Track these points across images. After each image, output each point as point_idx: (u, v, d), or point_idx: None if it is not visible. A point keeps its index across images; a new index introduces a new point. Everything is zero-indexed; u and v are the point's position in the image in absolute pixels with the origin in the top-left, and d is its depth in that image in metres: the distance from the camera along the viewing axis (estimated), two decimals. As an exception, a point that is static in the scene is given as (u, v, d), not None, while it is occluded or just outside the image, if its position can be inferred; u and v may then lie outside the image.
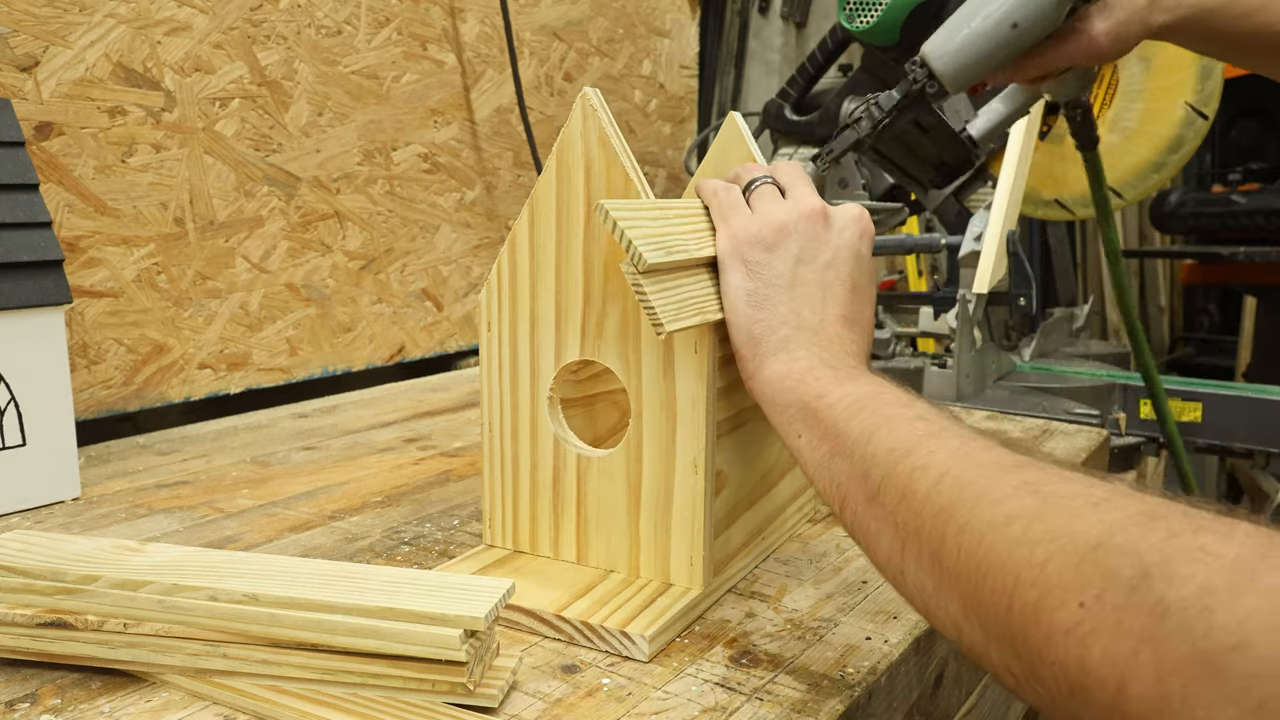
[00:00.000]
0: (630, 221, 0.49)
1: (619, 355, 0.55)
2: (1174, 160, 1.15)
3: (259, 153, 1.06)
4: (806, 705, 0.45)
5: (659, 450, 0.54)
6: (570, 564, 0.59)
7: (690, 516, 0.54)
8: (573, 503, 0.58)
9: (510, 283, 0.58)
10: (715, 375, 0.53)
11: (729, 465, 0.57)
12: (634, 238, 0.48)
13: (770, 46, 1.94)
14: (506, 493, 0.60)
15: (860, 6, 1.14)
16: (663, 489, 0.55)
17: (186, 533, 0.68)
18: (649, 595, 0.54)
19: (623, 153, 0.54)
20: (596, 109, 0.54)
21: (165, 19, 0.96)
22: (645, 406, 0.54)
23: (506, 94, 1.38)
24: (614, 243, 0.48)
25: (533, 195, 0.56)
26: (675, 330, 0.49)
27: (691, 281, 0.52)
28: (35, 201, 0.74)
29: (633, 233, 0.48)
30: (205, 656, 0.45)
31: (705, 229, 0.55)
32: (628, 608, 0.52)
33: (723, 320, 0.53)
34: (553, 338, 0.57)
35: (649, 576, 0.56)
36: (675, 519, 0.55)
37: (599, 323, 0.55)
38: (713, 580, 0.56)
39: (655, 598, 0.53)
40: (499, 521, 0.61)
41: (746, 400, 0.58)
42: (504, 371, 0.59)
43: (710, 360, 0.52)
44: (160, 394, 0.99)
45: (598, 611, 0.52)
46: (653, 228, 0.50)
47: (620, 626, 0.50)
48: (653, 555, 0.56)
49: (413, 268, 1.26)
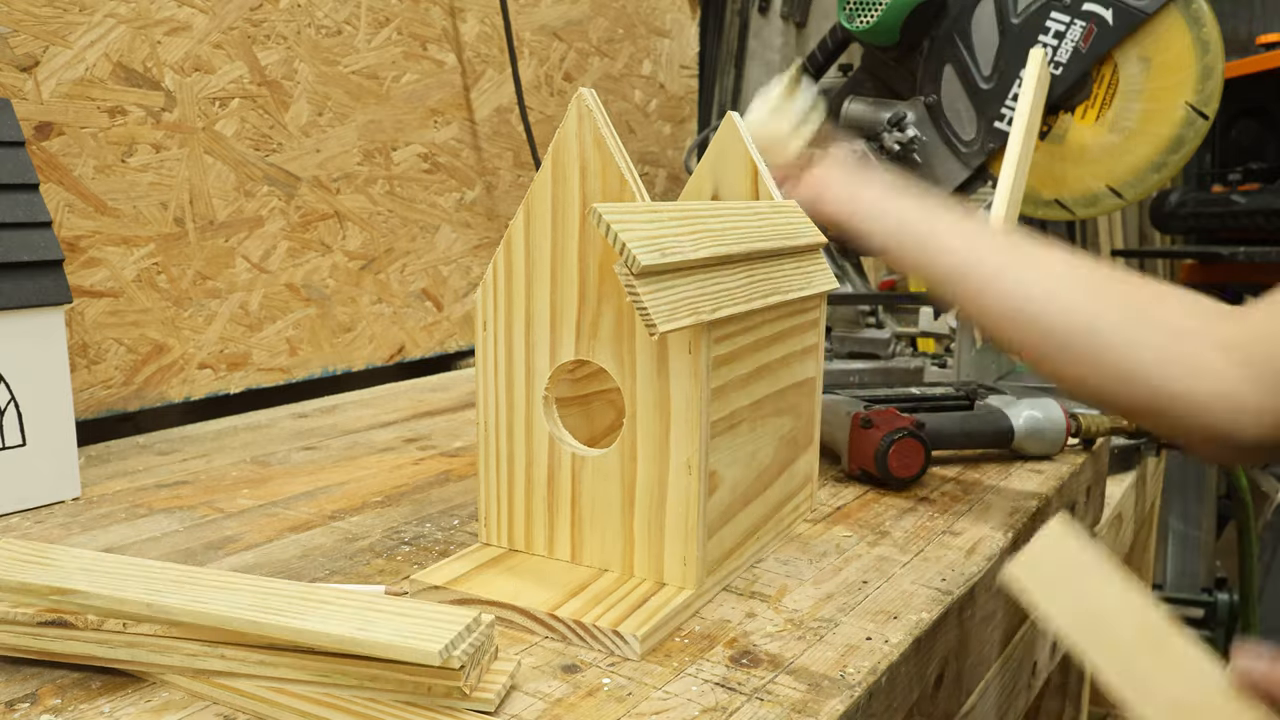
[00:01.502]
0: (624, 224, 0.49)
1: (614, 355, 0.55)
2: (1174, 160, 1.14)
3: (259, 153, 1.06)
4: (806, 705, 0.45)
5: (653, 450, 0.55)
6: (565, 563, 0.59)
7: (684, 516, 0.54)
8: (567, 502, 0.58)
9: (506, 283, 0.58)
10: (709, 375, 0.53)
11: (723, 465, 0.57)
12: (627, 240, 0.48)
13: (770, 46, 1.94)
14: (502, 491, 0.61)
15: (860, 6, 1.14)
16: (656, 489, 0.55)
17: (186, 533, 0.68)
18: (642, 595, 0.54)
19: (618, 153, 0.54)
20: (592, 109, 0.54)
21: (165, 19, 0.96)
22: (639, 406, 0.55)
23: (506, 94, 1.38)
24: (609, 243, 0.49)
25: (528, 195, 0.56)
26: (669, 331, 0.49)
27: (686, 282, 0.52)
28: (35, 201, 0.74)
29: (626, 235, 0.48)
30: (203, 657, 0.45)
31: (701, 230, 0.55)
32: (620, 607, 0.52)
33: (717, 320, 0.53)
34: (548, 338, 0.57)
35: (643, 576, 0.56)
36: (669, 519, 0.55)
37: (594, 323, 0.55)
38: (706, 580, 0.56)
39: (648, 597, 0.54)
40: (494, 520, 0.61)
41: (741, 400, 0.58)
42: (500, 371, 0.59)
43: (704, 361, 0.53)
44: (160, 394, 0.99)
45: (590, 611, 0.52)
46: (647, 230, 0.50)
47: (612, 626, 0.50)
48: (646, 555, 0.56)
49: (413, 268, 1.26)
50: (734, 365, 0.57)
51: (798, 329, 0.67)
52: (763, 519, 0.64)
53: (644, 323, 0.48)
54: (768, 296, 0.59)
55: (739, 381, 0.58)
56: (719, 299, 0.54)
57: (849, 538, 0.68)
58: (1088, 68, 1.12)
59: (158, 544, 0.65)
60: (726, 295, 0.55)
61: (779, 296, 0.61)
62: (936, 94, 1.17)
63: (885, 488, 0.79)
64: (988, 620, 0.67)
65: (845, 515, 0.72)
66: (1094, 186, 1.18)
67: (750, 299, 0.57)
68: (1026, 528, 0.73)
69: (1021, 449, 0.87)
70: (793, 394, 0.67)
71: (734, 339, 0.57)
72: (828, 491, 0.78)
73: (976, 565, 0.64)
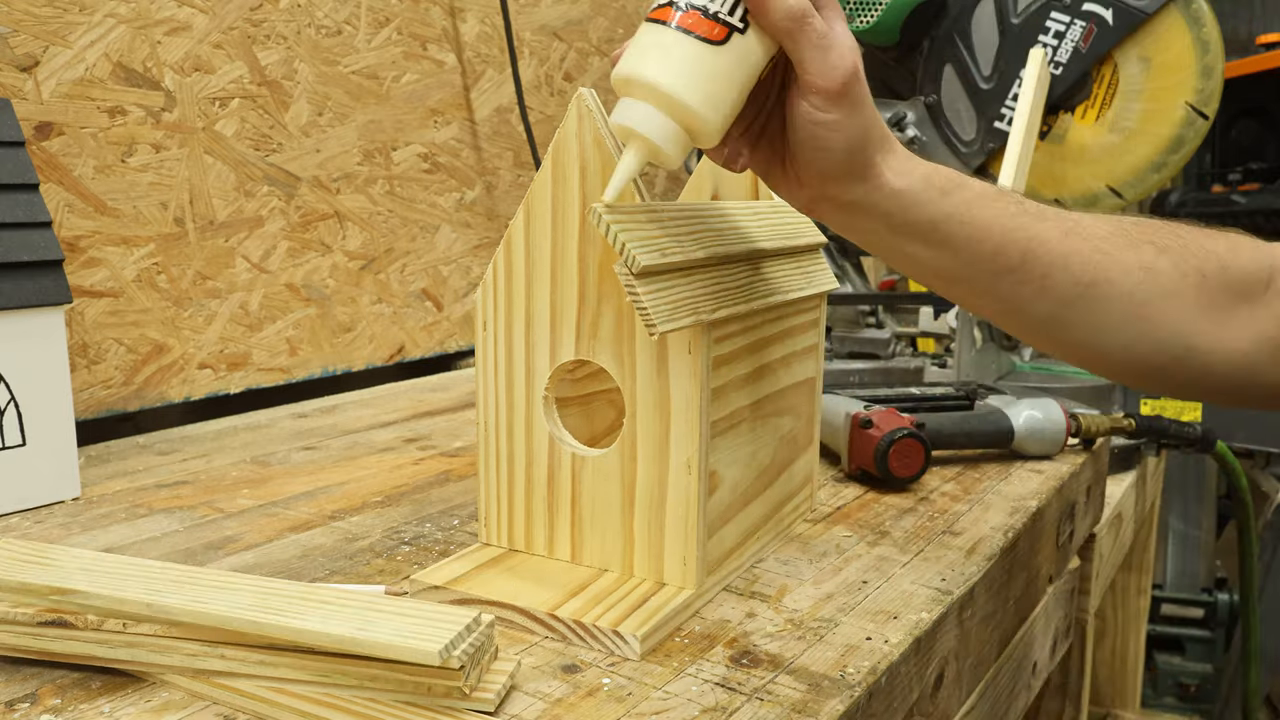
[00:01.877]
0: (624, 225, 0.49)
1: (614, 355, 0.55)
2: (1174, 160, 1.14)
3: (259, 152, 1.06)
4: (806, 705, 0.45)
5: (653, 450, 0.55)
6: (565, 563, 0.59)
7: (684, 516, 0.54)
8: (567, 502, 0.58)
9: (506, 283, 0.58)
10: (709, 376, 0.53)
11: (723, 465, 0.57)
12: (627, 240, 0.48)
13: (770, 46, 1.94)
14: (502, 491, 0.60)
15: (860, 6, 1.14)
16: (656, 489, 0.55)
17: (186, 533, 0.68)
18: (642, 595, 0.54)
19: (618, 153, 0.54)
20: (592, 109, 0.54)
21: (165, 19, 0.96)
22: (639, 406, 0.55)
23: (506, 94, 1.38)
24: (609, 243, 0.49)
25: (528, 196, 0.56)
26: (668, 331, 0.49)
27: (686, 282, 0.52)
28: (35, 201, 0.74)
29: (626, 235, 0.48)
30: (203, 657, 0.45)
31: (700, 230, 0.55)
32: (620, 607, 0.52)
33: (716, 320, 0.53)
34: (548, 337, 0.57)
35: (643, 576, 0.56)
36: (669, 519, 0.55)
37: (594, 323, 0.55)
38: (706, 580, 0.56)
39: (648, 597, 0.54)
40: (495, 520, 0.61)
41: (741, 400, 0.58)
42: (500, 371, 0.59)
43: (704, 361, 0.52)
44: (160, 394, 0.99)
45: (590, 610, 0.52)
46: (647, 230, 0.50)
47: (612, 626, 0.50)
48: (646, 555, 0.56)
49: (413, 268, 1.26)
50: (734, 365, 0.57)
51: (798, 329, 0.66)
52: (763, 519, 0.64)
53: (644, 323, 0.48)
54: (767, 297, 0.59)
55: (739, 381, 0.58)
56: (719, 299, 0.54)
57: (849, 538, 0.68)
58: (1088, 68, 1.12)
59: (158, 544, 0.65)
60: (726, 295, 0.55)
61: (779, 296, 0.60)
62: (936, 94, 1.17)
63: (885, 487, 0.79)
64: (988, 620, 0.67)
65: (845, 515, 0.72)
66: (1094, 186, 1.18)
67: (750, 299, 0.57)
68: (1026, 528, 0.73)
69: (1021, 449, 0.87)
70: (792, 394, 0.67)
71: (734, 339, 0.57)
72: (828, 491, 0.78)
73: (976, 565, 0.64)
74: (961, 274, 0.55)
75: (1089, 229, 0.55)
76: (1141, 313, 0.54)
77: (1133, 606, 1.52)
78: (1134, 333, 0.55)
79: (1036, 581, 0.81)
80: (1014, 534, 0.70)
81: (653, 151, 0.48)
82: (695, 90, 0.47)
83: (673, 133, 0.48)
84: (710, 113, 0.47)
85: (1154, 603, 1.98)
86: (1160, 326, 0.54)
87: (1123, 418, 0.92)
